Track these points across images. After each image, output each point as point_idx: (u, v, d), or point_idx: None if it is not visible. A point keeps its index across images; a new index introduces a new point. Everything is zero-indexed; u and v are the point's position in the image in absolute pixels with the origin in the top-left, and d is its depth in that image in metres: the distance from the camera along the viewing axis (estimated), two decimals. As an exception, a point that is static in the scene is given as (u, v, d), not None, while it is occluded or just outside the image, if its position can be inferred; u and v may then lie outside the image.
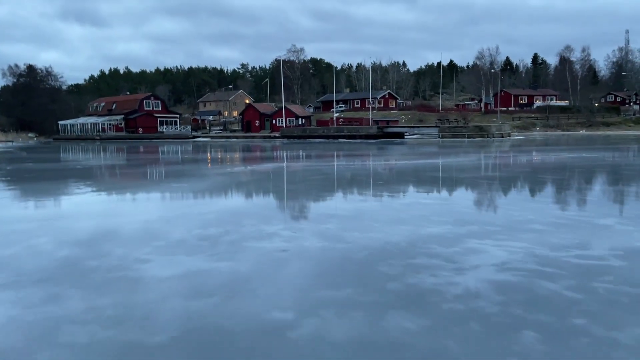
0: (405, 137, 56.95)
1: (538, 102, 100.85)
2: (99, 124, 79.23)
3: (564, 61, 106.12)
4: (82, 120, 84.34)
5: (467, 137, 47.19)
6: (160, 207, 9.98)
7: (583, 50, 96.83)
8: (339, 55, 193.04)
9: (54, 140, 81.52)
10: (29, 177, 17.98)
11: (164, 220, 8.19)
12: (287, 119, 67.51)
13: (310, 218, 8.53)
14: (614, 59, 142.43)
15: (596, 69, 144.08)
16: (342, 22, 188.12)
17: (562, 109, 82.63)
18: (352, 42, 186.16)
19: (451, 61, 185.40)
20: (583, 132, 67.08)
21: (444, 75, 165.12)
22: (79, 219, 8.52)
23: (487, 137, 46.35)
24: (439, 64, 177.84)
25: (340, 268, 5.20)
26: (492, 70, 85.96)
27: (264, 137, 63.85)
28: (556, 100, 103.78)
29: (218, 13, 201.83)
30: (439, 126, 51.08)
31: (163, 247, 6.12)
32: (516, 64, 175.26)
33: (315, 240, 6.44)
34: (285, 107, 68.13)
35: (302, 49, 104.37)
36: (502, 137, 48.22)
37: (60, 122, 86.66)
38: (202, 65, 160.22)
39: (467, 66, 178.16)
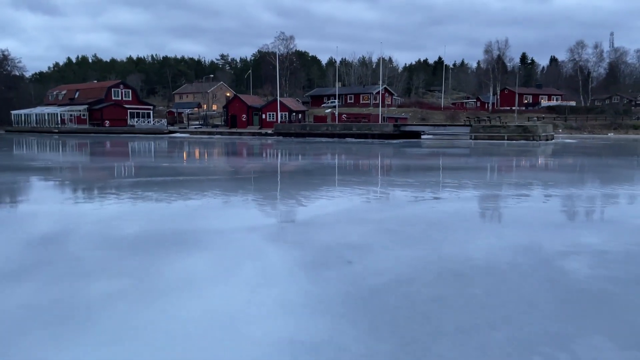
0: (422, 137, 48.55)
1: (544, 102, 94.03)
2: (57, 114, 68.33)
3: (571, 60, 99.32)
4: (38, 110, 73.22)
5: (507, 140, 38.97)
6: None
7: (596, 46, 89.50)
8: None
9: (5, 132, 70.49)
10: None
11: None
12: (279, 113, 58.18)
13: None
14: (608, 60, 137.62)
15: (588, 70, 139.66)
16: (303, 18, 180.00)
17: (575, 109, 75.60)
18: (317, 39, 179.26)
19: (440, 58, 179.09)
20: (611, 134, 59.88)
21: (434, 72, 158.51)
22: None
23: (533, 140, 38.18)
24: (425, 60, 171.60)
25: None
26: (516, 65, 78.16)
27: (254, 133, 54.50)
28: (561, 100, 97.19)
29: (176, 5, 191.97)
30: (470, 125, 42.65)
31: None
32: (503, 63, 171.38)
33: None
34: (278, 100, 58.84)
35: (291, 37, 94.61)
36: (547, 140, 40.17)
37: (13, 112, 75.41)
38: (172, 56, 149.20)
39: (454, 64, 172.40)
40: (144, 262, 5.40)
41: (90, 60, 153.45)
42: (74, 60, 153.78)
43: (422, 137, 49.10)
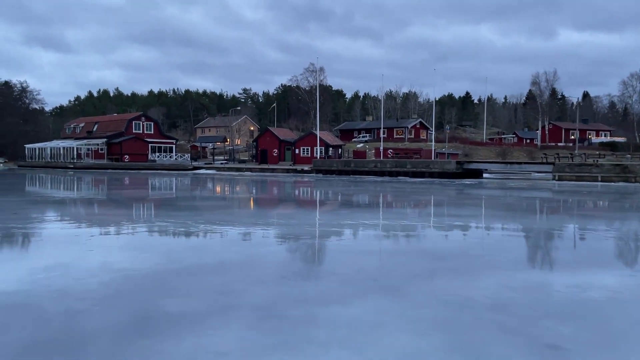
0: (484, 175, 42.00)
1: (594, 138, 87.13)
2: (73, 148, 63.35)
3: (623, 94, 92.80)
4: (53, 144, 68.52)
5: (601, 181, 32.29)
6: None
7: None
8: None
9: (18, 167, 65.73)
10: None
11: None
12: (317, 148, 52.25)
13: None
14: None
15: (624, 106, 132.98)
16: (308, 55, 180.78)
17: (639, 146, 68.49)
18: (327, 76, 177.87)
19: (467, 93, 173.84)
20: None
21: (464, 107, 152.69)
22: None
23: (635, 182, 31.45)
24: (450, 95, 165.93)
25: None
26: (567, 98, 71.88)
27: (289, 170, 48.49)
28: (610, 136, 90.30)
29: (184, 43, 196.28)
30: (552, 163, 36.11)
31: None
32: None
33: None
34: (314, 133, 53.03)
35: (322, 69, 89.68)
36: (648, 181, 33.36)
37: (27, 146, 70.90)
38: (194, 90, 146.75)
39: (479, 100, 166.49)
40: None
41: (111, 94, 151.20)
42: (95, 94, 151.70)
43: (485, 175, 42.59)
